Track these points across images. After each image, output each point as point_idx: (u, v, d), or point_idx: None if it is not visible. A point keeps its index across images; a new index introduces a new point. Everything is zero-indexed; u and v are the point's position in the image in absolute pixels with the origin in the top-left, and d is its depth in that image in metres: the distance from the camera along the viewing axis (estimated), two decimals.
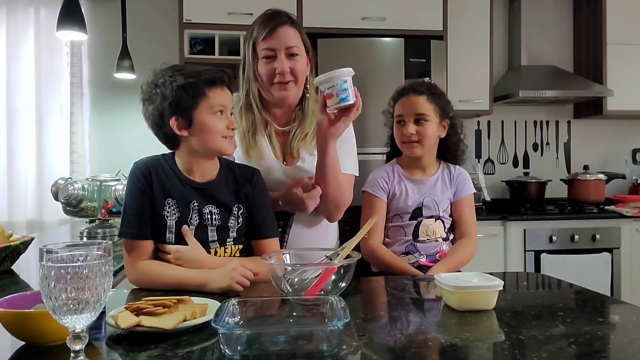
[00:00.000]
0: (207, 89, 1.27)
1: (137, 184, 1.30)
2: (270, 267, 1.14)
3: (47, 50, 3.27)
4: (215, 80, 1.28)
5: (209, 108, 1.27)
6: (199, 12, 2.92)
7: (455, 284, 1.06)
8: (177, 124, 1.28)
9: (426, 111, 1.62)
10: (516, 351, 0.85)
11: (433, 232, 1.65)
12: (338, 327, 0.82)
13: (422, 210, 1.65)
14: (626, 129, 3.81)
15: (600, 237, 3.11)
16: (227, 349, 0.81)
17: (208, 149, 1.30)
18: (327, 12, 2.99)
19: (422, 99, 1.63)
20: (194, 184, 1.32)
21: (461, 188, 1.70)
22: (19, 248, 1.61)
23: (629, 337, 0.93)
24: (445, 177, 1.70)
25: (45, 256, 0.74)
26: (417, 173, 1.70)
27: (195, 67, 1.31)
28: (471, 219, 1.70)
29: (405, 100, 1.65)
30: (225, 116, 1.30)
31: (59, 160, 3.29)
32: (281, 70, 1.46)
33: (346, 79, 1.30)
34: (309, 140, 1.55)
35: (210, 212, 1.32)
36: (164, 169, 1.32)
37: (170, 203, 1.30)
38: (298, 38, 1.50)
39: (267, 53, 1.47)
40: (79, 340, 0.75)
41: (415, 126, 1.62)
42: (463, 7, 3.28)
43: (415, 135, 1.62)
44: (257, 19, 1.54)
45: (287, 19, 1.50)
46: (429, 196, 1.66)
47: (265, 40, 1.47)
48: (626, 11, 3.45)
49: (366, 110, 1.46)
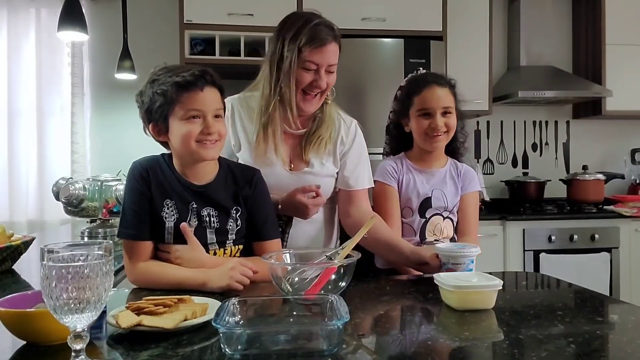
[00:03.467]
0: (178, 93, 1.22)
1: (134, 184, 1.29)
2: (271, 267, 1.14)
3: (48, 50, 3.28)
4: (187, 84, 1.22)
5: (182, 113, 1.23)
6: (199, 13, 2.92)
7: (454, 283, 1.06)
8: (154, 130, 1.28)
9: (451, 104, 1.61)
10: (515, 351, 0.86)
11: (440, 231, 1.63)
12: (338, 327, 0.82)
13: (430, 202, 1.63)
14: (625, 129, 3.81)
15: (599, 237, 3.11)
16: (228, 348, 0.82)
17: (184, 154, 1.28)
18: (327, 13, 2.94)
19: (446, 91, 1.61)
20: (191, 186, 1.31)
21: (467, 184, 1.68)
22: (20, 248, 1.61)
23: (627, 336, 0.93)
24: (453, 172, 1.69)
25: (47, 256, 0.74)
26: (426, 165, 1.68)
27: (177, 71, 1.25)
28: (474, 217, 1.69)
29: (430, 93, 1.60)
30: (202, 121, 1.24)
31: (60, 160, 3.29)
32: (318, 85, 1.48)
33: (473, 259, 1.30)
34: (323, 145, 1.55)
35: (208, 214, 1.31)
36: (163, 169, 1.31)
37: (169, 204, 1.29)
38: (337, 54, 1.51)
39: (310, 66, 1.46)
40: (80, 340, 0.75)
41: (443, 118, 1.60)
42: (462, 8, 3.29)
43: (444, 127, 1.60)
44: (301, 21, 1.48)
45: (334, 34, 1.49)
46: (438, 188, 1.64)
47: (313, 53, 1.45)
48: (626, 11, 3.45)
49: (366, 111, 1.47)
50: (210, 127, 1.24)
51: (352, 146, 1.61)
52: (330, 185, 1.59)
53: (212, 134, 1.25)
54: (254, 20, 2.88)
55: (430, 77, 1.66)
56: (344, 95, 1.84)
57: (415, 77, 1.71)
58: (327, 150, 1.57)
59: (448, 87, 1.63)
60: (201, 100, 1.24)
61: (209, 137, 1.25)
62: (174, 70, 1.26)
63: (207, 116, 1.25)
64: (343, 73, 2.89)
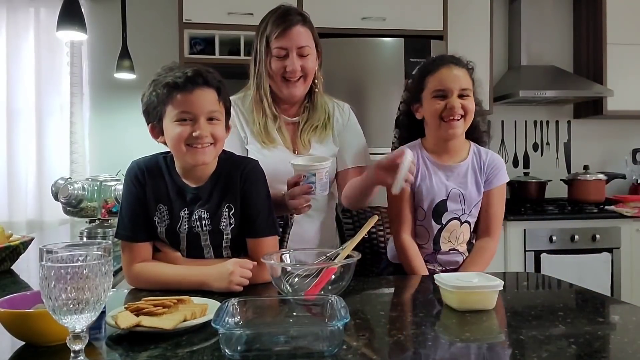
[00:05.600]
0: (169, 95, 1.20)
1: (130, 186, 1.28)
2: (271, 267, 1.14)
3: (47, 50, 3.27)
4: (176, 85, 1.18)
5: (173, 115, 1.20)
6: (199, 12, 2.92)
7: (455, 284, 1.06)
8: (152, 132, 1.28)
9: (469, 86, 1.47)
10: (516, 351, 0.85)
11: (456, 238, 1.50)
12: (338, 327, 0.82)
13: (446, 205, 1.47)
14: (626, 129, 3.81)
15: (600, 237, 3.11)
16: (227, 349, 0.81)
17: (176, 157, 1.26)
18: (327, 12, 2.98)
19: (463, 71, 1.47)
20: (187, 188, 1.28)
21: (493, 177, 1.51)
22: (19, 248, 1.61)
23: (629, 337, 0.92)
24: (475, 164, 1.52)
25: (45, 256, 0.74)
26: (445, 159, 1.51)
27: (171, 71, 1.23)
28: (499, 214, 1.52)
29: (447, 72, 1.45)
30: (194, 124, 1.20)
31: (59, 160, 3.29)
32: (292, 69, 1.51)
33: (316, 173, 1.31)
34: (318, 132, 1.60)
35: (199, 217, 1.27)
36: (161, 170, 1.30)
37: (162, 209, 1.28)
38: (309, 37, 1.55)
39: (279, 52, 1.52)
40: (79, 340, 0.75)
41: (460, 100, 1.44)
42: (463, 7, 3.28)
43: (461, 109, 1.44)
44: (270, 14, 1.56)
45: (300, 17, 1.54)
46: (457, 188, 1.48)
47: (278, 39, 1.51)
48: (626, 11, 3.45)
49: (366, 110, 1.46)
50: (201, 129, 1.19)
51: (347, 125, 1.66)
52: (333, 166, 1.62)
53: (202, 137, 1.20)
54: (254, 20, 2.83)
55: (447, 58, 1.51)
56: (344, 95, 1.85)
57: (430, 58, 1.56)
58: (323, 134, 1.61)
59: (466, 69, 1.49)
60: (191, 102, 1.19)
61: (199, 141, 1.20)
62: (172, 70, 1.24)
63: (199, 119, 1.20)
64: (343, 73, 2.93)
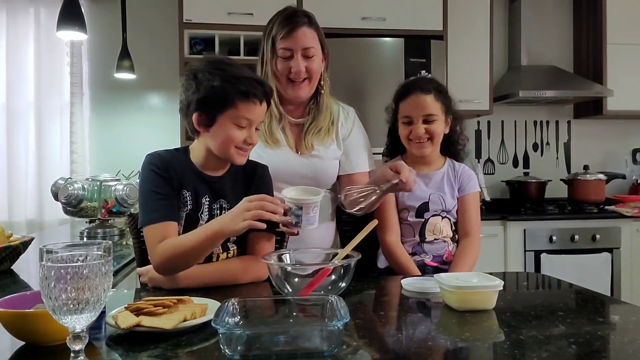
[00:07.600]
0: (239, 100, 1.24)
1: (153, 172, 1.27)
2: (270, 267, 1.14)
3: (47, 50, 3.27)
4: (249, 94, 1.25)
5: (234, 118, 1.25)
6: (199, 12, 2.92)
7: (455, 283, 1.06)
8: (198, 120, 1.28)
9: (434, 111, 1.60)
10: (516, 351, 0.85)
11: (440, 231, 1.64)
12: (338, 327, 0.82)
13: (428, 206, 1.64)
14: (626, 129, 3.81)
15: (600, 237, 3.11)
16: (227, 349, 0.81)
17: (219, 153, 1.30)
18: (327, 12, 2.98)
19: (429, 98, 1.60)
20: (206, 177, 1.32)
21: (465, 184, 1.69)
22: (18, 248, 1.61)
23: (629, 337, 0.92)
24: (450, 174, 1.69)
25: (45, 256, 0.74)
26: (423, 168, 1.68)
27: (239, 70, 1.27)
28: (475, 217, 1.69)
29: (413, 100, 1.61)
30: (247, 130, 1.28)
31: (59, 160, 3.29)
32: (296, 71, 1.52)
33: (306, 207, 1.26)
34: (322, 134, 1.60)
35: (220, 207, 1.33)
36: (180, 161, 1.32)
37: (185, 194, 1.30)
38: (315, 38, 1.55)
39: (284, 53, 1.53)
40: (79, 340, 0.74)
41: (424, 125, 1.60)
42: (463, 7, 3.28)
43: (426, 134, 1.60)
44: (276, 16, 1.57)
45: (306, 19, 1.54)
46: (436, 192, 1.65)
47: (283, 40, 1.52)
48: (626, 11, 3.45)
49: (366, 110, 1.47)
50: (254, 138, 1.30)
51: (351, 130, 1.66)
52: (335, 169, 1.64)
53: (253, 145, 1.31)
54: (254, 20, 2.88)
55: (417, 83, 1.66)
56: (344, 95, 1.85)
57: (404, 82, 1.72)
58: (327, 137, 1.61)
59: (434, 94, 1.61)
60: (255, 112, 1.28)
61: (248, 147, 1.31)
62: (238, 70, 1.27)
63: (253, 127, 1.29)
64: (343, 73, 2.93)
